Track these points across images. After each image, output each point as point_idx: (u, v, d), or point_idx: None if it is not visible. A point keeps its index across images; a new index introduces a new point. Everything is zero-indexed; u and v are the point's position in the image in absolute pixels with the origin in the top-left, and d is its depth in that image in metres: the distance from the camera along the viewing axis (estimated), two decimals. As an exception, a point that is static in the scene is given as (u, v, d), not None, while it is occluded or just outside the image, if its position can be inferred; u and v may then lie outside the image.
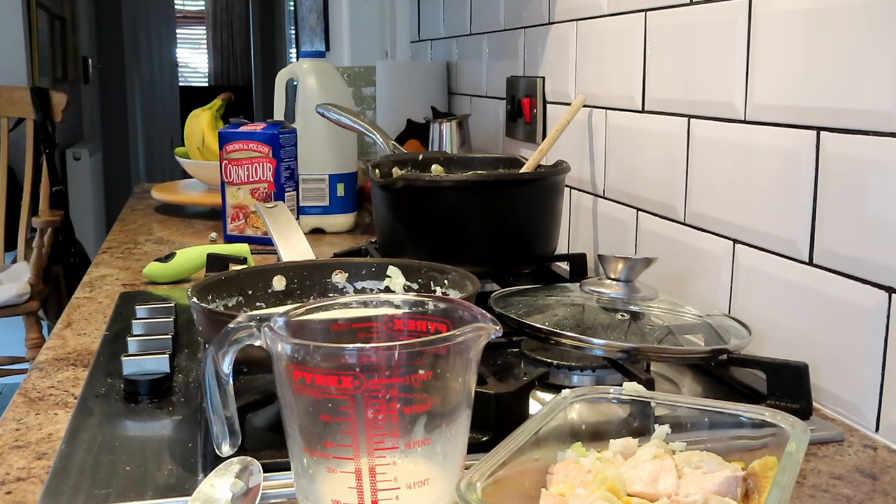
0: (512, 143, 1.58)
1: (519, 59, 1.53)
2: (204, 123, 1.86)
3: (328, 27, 3.69)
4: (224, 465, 0.59)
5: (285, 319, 0.55)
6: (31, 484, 0.62)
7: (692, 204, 0.99)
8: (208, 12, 9.02)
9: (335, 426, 0.51)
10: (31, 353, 2.84)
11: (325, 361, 0.50)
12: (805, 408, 0.73)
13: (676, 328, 0.80)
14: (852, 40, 0.73)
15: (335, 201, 1.55)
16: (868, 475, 0.64)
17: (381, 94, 2.12)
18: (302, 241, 1.02)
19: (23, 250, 3.05)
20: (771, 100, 0.84)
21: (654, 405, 0.60)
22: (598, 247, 1.25)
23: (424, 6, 2.25)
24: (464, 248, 1.06)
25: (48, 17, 4.28)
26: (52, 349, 0.92)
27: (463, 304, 0.57)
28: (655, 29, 1.06)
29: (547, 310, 0.83)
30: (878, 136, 0.70)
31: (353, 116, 1.34)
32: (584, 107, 1.25)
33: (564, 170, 1.10)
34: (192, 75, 9.08)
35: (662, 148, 1.05)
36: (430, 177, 1.12)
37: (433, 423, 0.52)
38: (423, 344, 0.51)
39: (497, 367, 0.84)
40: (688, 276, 1.00)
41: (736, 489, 0.52)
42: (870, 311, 0.72)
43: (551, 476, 0.55)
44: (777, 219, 0.84)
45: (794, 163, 0.81)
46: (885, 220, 0.71)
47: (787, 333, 0.83)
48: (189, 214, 1.75)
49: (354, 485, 0.51)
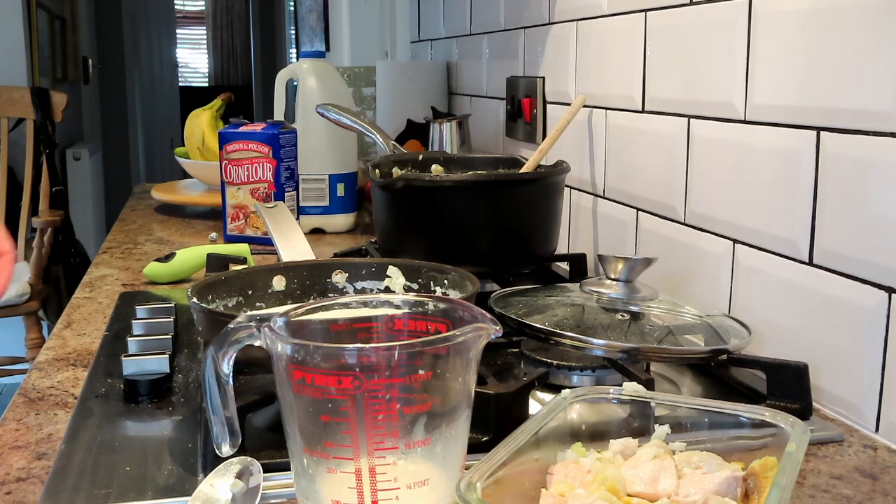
0: (512, 143, 1.58)
1: (519, 59, 1.53)
2: (204, 123, 1.86)
3: (328, 27, 3.69)
4: (224, 466, 0.59)
5: (285, 319, 0.55)
6: (31, 484, 0.62)
7: (692, 204, 0.99)
8: (208, 12, 9.01)
9: (335, 426, 0.51)
10: (31, 353, 2.84)
11: (325, 361, 0.50)
12: (805, 408, 0.73)
13: (676, 328, 0.80)
14: (852, 40, 0.73)
15: (335, 201, 1.55)
16: (868, 475, 0.64)
17: (381, 94, 2.12)
18: (302, 241, 1.02)
19: (23, 250, 3.06)
20: (771, 100, 0.84)
21: (654, 405, 0.60)
22: (598, 247, 1.25)
23: (424, 6, 2.25)
24: (464, 248, 1.06)
25: (48, 17, 4.28)
26: (52, 349, 0.92)
27: (463, 305, 0.57)
28: (655, 29, 1.06)
29: (547, 310, 0.83)
30: (878, 136, 0.70)
31: (353, 116, 1.34)
32: (584, 107, 1.25)
33: (564, 170, 1.10)
34: (192, 75, 9.08)
35: (662, 148, 1.05)
36: (430, 177, 1.12)
37: (433, 423, 0.52)
38: (423, 344, 0.51)
39: (497, 367, 0.84)
40: (688, 276, 1.00)
41: (736, 489, 0.52)
42: (870, 311, 0.72)
43: (551, 476, 0.55)
44: (777, 219, 0.84)
45: (794, 163, 0.81)
46: (885, 220, 0.71)
47: (787, 333, 0.83)
48: (189, 214, 1.75)
49: (354, 485, 0.51)
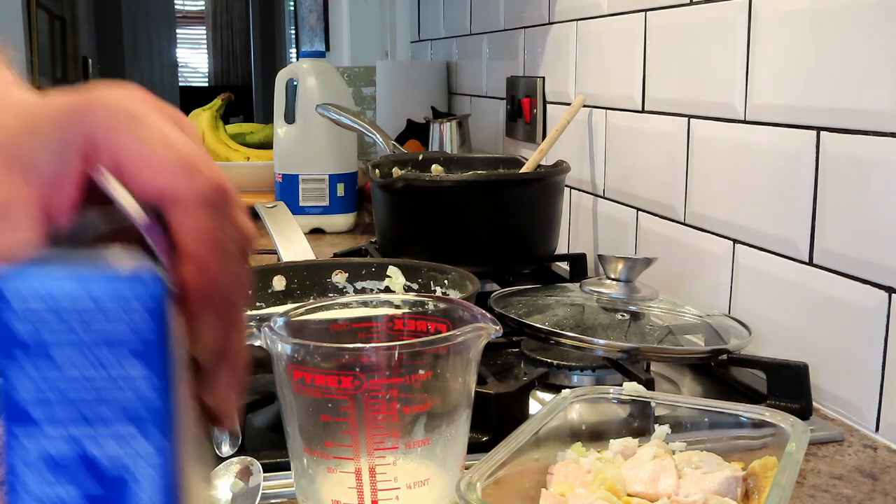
0: (512, 143, 1.58)
1: (519, 59, 1.53)
2: (204, 123, 1.86)
3: (328, 27, 3.69)
4: (224, 465, 0.59)
5: (285, 319, 0.55)
6: (31, 484, 0.62)
7: (692, 204, 0.99)
8: (208, 12, 9.02)
9: (335, 426, 0.51)
10: (31, 353, 2.84)
11: (324, 361, 0.50)
12: (805, 408, 0.73)
13: (676, 328, 0.80)
14: (852, 40, 0.73)
15: (335, 201, 1.55)
16: (868, 475, 0.64)
17: (381, 94, 2.12)
18: (302, 241, 1.02)
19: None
20: (771, 100, 0.84)
21: (654, 405, 0.60)
22: (598, 247, 1.25)
23: (424, 6, 2.25)
24: (464, 247, 1.06)
25: (48, 18, 4.29)
26: (52, 349, 0.92)
27: (463, 304, 0.57)
28: (655, 29, 1.06)
29: (547, 310, 0.83)
30: (878, 136, 0.70)
31: (353, 116, 1.34)
32: (584, 107, 1.25)
33: (564, 170, 1.10)
34: (192, 75, 9.08)
35: (662, 148, 1.05)
36: (430, 177, 1.12)
37: (433, 423, 0.52)
38: (423, 344, 0.51)
39: (497, 367, 0.84)
40: (688, 276, 1.00)
41: (736, 489, 0.52)
42: (870, 311, 0.72)
43: (551, 476, 0.55)
44: (777, 219, 0.84)
45: (794, 163, 0.81)
46: (885, 220, 0.71)
47: (787, 333, 0.83)
48: (189, 214, 1.75)
49: (354, 485, 0.51)
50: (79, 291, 0.33)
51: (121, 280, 0.33)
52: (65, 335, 0.33)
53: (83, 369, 0.33)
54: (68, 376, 0.33)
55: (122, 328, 0.33)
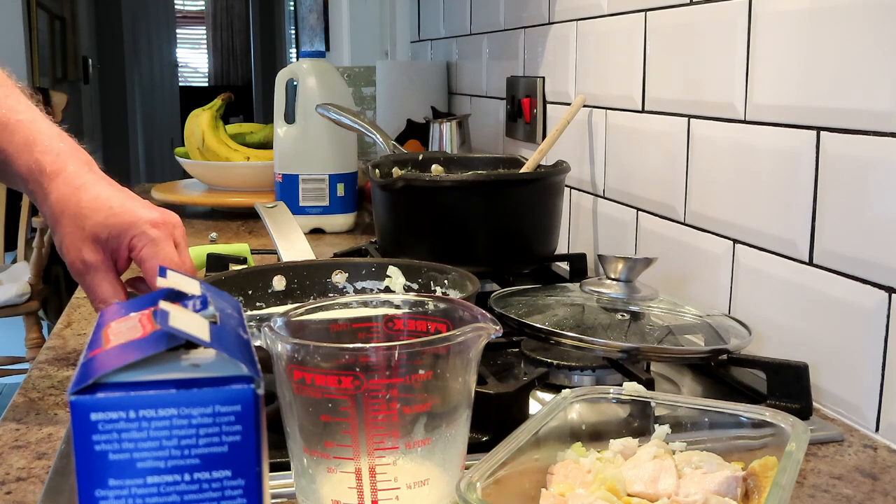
0: (512, 143, 1.58)
1: (519, 59, 1.53)
2: (204, 123, 1.86)
3: (328, 27, 3.69)
4: (224, 465, 0.59)
5: (285, 319, 0.55)
6: (31, 484, 0.62)
7: (692, 204, 0.99)
8: (208, 12, 9.02)
9: (335, 426, 0.51)
10: (31, 353, 2.85)
11: (325, 361, 0.50)
12: (805, 408, 0.73)
13: (676, 328, 0.80)
14: (852, 40, 0.73)
15: (335, 201, 1.55)
16: (868, 475, 0.64)
17: (381, 94, 2.12)
18: (302, 241, 1.02)
19: (23, 250, 3.06)
20: (771, 100, 0.84)
21: (654, 405, 0.60)
22: (598, 247, 1.25)
23: (424, 6, 2.25)
24: (464, 247, 1.06)
25: (48, 17, 4.29)
26: (52, 349, 0.92)
27: (463, 304, 0.57)
28: (655, 29, 1.06)
29: (547, 310, 0.83)
30: (878, 136, 0.70)
31: (353, 116, 1.34)
32: (584, 107, 1.25)
33: (564, 170, 1.10)
34: (192, 75, 9.08)
35: (662, 148, 1.05)
36: (430, 177, 1.12)
37: (433, 423, 0.52)
38: (423, 344, 0.51)
39: (497, 367, 0.84)
40: (688, 276, 1.00)
41: (736, 489, 0.52)
42: (870, 311, 0.72)
43: (551, 476, 0.55)
44: (777, 219, 0.84)
45: (794, 163, 0.81)
46: (885, 220, 0.71)
47: (787, 333, 0.83)
48: (189, 214, 1.75)
49: (354, 485, 0.51)
50: (166, 400, 0.33)
51: (210, 386, 0.33)
52: (152, 444, 0.33)
53: (167, 475, 0.33)
54: (151, 483, 0.33)
55: (213, 435, 0.33)
